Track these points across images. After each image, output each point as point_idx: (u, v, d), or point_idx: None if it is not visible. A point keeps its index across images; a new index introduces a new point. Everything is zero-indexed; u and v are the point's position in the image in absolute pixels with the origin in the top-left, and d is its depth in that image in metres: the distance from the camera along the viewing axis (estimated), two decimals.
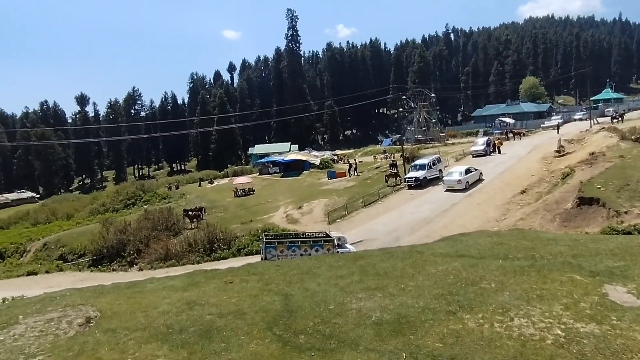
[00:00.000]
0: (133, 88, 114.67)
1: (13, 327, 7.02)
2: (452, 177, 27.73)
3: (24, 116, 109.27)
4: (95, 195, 59.83)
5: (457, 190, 26.61)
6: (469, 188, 26.92)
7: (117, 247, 26.12)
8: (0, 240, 38.56)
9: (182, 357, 5.18)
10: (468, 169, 28.62)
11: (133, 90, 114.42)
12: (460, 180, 27.07)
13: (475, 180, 27.98)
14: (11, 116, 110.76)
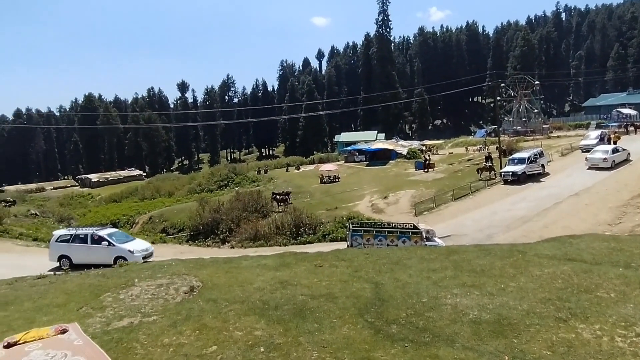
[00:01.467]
0: (227, 75, 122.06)
1: (130, 289, 7.89)
2: (596, 155, 27.59)
3: (134, 101, 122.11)
4: (193, 176, 64.96)
5: (601, 169, 26.48)
6: (614, 167, 26.61)
7: (211, 224, 28.04)
8: (115, 212, 43.92)
9: (278, 332, 5.36)
10: (615, 148, 28.51)
11: (227, 77, 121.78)
12: (606, 159, 26.75)
13: (622, 160, 27.58)
14: (124, 101, 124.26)
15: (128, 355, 4.86)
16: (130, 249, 16.82)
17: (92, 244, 17.01)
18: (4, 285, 10.35)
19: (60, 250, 17.52)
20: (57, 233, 19.02)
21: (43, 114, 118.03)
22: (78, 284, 8.82)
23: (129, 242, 17.95)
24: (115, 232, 18.79)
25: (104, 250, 16.65)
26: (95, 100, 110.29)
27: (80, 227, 19.33)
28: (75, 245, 17.23)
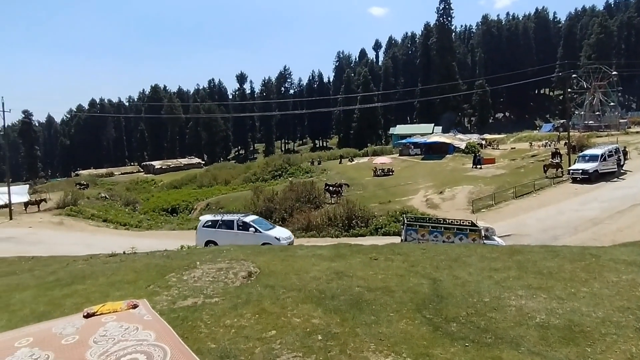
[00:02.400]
0: (284, 67, 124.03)
1: (193, 271, 8.27)
2: None
3: (195, 92, 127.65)
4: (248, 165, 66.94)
5: None
6: None
7: (265, 213, 28.74)
8: (175, 198, 46.32)
9: (335, 322, 5.38)
10: None
11: (284, 69, 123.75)
12: None
13: None
14: (186, 92, 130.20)
15: (193, 332, 5.10)
16: (276, 236, 17.10)
17: (238, 230, 17.25)
18: (81, 261, 11.29)
19: (208, 236, 17.64)
20: (204, 218, 19.25)
21: (114, 104, 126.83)
22: (145, 263, 9.40)
23: (273, 229, 18.26)
24: (257, 219, 19.05)
25: (251, 236, 16.71)
26: (160, 91, 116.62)
27: (225, 214, 19.42)
28: (222, 231, 17.43)
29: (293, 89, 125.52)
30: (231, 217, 18.14)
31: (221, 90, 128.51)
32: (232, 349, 4.64)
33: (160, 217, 38.84)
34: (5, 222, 31.28)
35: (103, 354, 4.56)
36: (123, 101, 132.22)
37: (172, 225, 31.96)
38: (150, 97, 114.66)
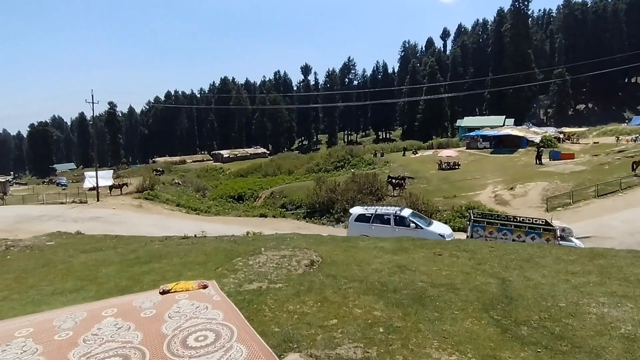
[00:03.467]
0: (348, 58, 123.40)
1: (258, 256, 8.58)
2: None
3: (262, 84, 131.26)
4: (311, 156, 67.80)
5: None
6: None
7: (327, 203, 29.01)
8: (241, 186, 48.19)
9: (397, 316, 5.30)
10: None
11: (348, 60, 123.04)
12: None
13: None
14: (253, 84, 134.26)
15: (258, 315, 5.29)
16: (440, 233, 15.16)
17: (396, 225, 15.77)
18: (157, 241, 12.17)
19: (361, 230, 15.95)
20: (355, 211, 17.51)
21: (187, 96, 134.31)
22: (214, 247, 9.92)
23: (432, 224, 16.56)
24: (413, 213, 17.26)
25: (412, 232, 14.79)
26: (229, 83, 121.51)
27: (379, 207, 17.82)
28: (378, 227, 15.99)
29: (357, 80, 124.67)
30: (386, 211, 16.57)
31: (286, 81, 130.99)
32: (294, 334, 4.75)
33: (228, 203, 40.67)
34: (94, 203, 34.57)
35: (177, 328, 4.90)
36: (195, 93, 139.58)
37: (238, 212, 33.35)
38: (220, 89, 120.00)
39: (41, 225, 23.08)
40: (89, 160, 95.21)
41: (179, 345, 4.42)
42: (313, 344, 4.59)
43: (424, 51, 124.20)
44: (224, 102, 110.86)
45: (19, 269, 9.22)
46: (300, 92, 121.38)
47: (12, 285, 7.76)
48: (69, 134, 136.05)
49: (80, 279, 7.68)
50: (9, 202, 38.46)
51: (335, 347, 4.53)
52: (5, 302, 6.72)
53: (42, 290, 7.21)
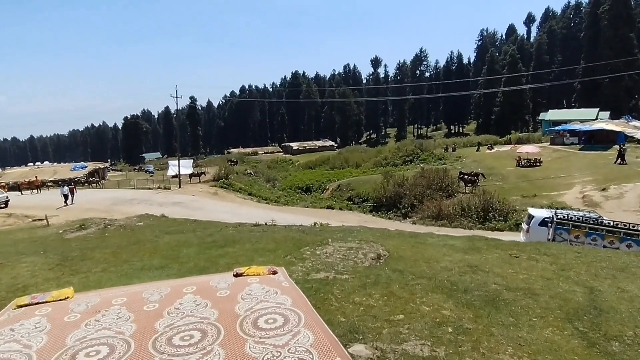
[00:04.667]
0: (420, 49, 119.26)
1: (325, 247, 8.71)
2: None
3: (331, 77, 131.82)
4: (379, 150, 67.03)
5: None
6: None
7: (394, 198, 28.56)
8: (309, 178, 49.05)
9: (468, 317, 5.10)
10: None
11: (420, 51, 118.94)
12: None
13: None
14: (323, 77, 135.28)
15: (324, 304, 5.39)
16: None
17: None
18: (231, 227, 12.85)
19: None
20: (539, 214, 15.21)
21: (260, 90, 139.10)
22: (284, 235, 10.25)
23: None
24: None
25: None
26: (299, 77, 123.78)
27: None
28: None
29: (429, 72, 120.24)
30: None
31: (355, 74, 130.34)
32: (360, 326, 4.78)
33: (296, 194, 41.71)
34: (176, 190, 37.31)
35: (248, 309, 5.14)
36: (268, 87, 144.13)
37: (306, 203, 34.05)
38: (291, 83, 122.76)
39: (132, 208, 25.44)
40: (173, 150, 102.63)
41: (251, 325, 4.65)
42: (379, 337, 4.58)
43: (504, 39, 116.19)
44: (295, 95, 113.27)
45: (114, 245, 10.27)
46: (370, 85, 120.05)
47: (109, 259, 8.68)
48: (156, 125, 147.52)
49: (165, 258, 8.38)
50: (107, 186, 42.92)
51: (401, 342, 4.48)
52: (104, 273, 7.54)
53: (133, 265, 7.98)
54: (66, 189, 27.93)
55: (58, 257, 9.16)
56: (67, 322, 5.07)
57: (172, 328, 4.68)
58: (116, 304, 5.57)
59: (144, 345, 4.32)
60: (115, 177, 53.45)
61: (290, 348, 4.14)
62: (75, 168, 53.17)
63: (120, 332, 4.67)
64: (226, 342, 4.29)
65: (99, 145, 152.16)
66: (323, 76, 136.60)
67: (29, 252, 10.31)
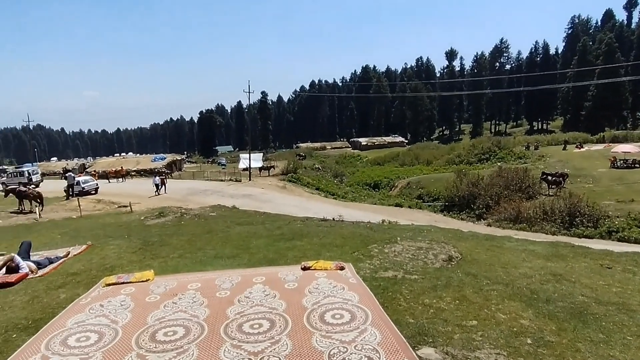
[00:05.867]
0: (501, 40, 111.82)
1: (393, 245, 8.52)
2: None
3: (403, 71, 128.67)
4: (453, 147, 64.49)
5: None
6: None
7: (467, 198, 27.21)
8: (377, 174, 48.52)
9: (550, 329, 4.68)
10: None
11: (500, 42, 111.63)
12: None
13: None
14: (394, 71, 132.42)
15: (392, 303, 5.26)
16: None
17: None
18: (299, 221, 13.07)
19: None
20: None
21: (330, 85, 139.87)
22: (351, 231, 10.21)
23: None
24: None
25: None
26: (370, 71, 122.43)
27: None
28: None
29: (510, 64, 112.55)
30: None
31: (429, 68, 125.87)
32: (429, 328, 4.59)
33: (364, 190, 41.51)
34: (246, 182, 38.93)
35: (315, 303, 5.19)
36: (337, 82, 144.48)
37: (373, 200, 33.73)
38: (361, 77, 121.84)
39: (205, 198, 26.99)
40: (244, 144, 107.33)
41: (317, 319, 4.68)
42: (449, 341, 4.36)
43: (599, 26, 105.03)
44: (364, 90, 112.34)
45: (190, 233, 10.94)
46: (444, 79, 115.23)
47: (185, 246, 9.25)
48: (229, 120, 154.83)
49: (236, 247, 8.73)
50: (183, 177, 46.03)
51: (474, 349, 4.23)
52: (181, 259, 8.05)
53: (207, 253, 8.42)
54: (158, 179, 30.20)
55: (140, 242, 9.95)
56: (148, 303, 5.50)
57: (243, 315, 4.87)
58: (191, 289, 5.93)
59: (216, 329, 4.55)
60: (191, 169, 57.03)
61: (356, 345, 4.12)
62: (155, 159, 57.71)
63: (194, 315, 4.96)
64: (294, 334, 4.37)
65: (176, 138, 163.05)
66: (394, 70, 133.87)
67: (115, 235, 11.31)
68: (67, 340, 4.45)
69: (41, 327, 4.94)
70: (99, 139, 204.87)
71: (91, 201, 25.18)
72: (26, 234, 12.33)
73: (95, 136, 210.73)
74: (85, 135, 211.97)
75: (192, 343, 4.23)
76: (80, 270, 7.62)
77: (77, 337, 4.51)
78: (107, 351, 4.16)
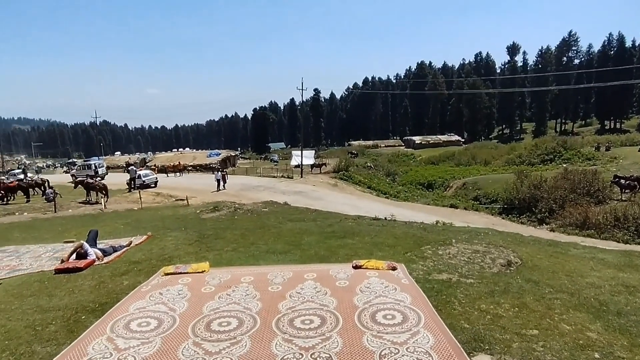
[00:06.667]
0: (569, 32, 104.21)
1: (448, 247, 8.25)
2: None
3: (460, 67, 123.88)
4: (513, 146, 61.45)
5: None
6: None
7: (528, 201, 25.74)
8: (431, 174, 47.28)
9: (620, 344, 4.32)
10: None
11: (569, 34, 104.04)
12: None
13: None
14: (451, 68, 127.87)
15: (447, 307, 5.10)
16: None
17: None
18: (351, 220, 13.04)
19: None
20: None
21: (383, 82, 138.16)
22: (404, 231, 10.02)
23: None
24: None
25: None
26: (425, 67, 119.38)
27: None
28: None
29: (579, 58, 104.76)
30: None
31: (488, 63, 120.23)
32: (486, 335, 4.40)
33: (417, 190, 40.65)
34: (297, 179, 39.48)
35: (367, 302, 5.15)
36: (391, 79, 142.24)
37: (427, 200, 32.92)
38: (416, 74, 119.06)
39: (258, 194, 27.70)
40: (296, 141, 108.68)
41: (369, 318, 4.64)
42: (508, 350, 4.15)
43: None
44: (419, 87, 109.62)
45: (243, 228, 11.28)
46: (505, 75, 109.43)
47: (238, 240, 9.55)
48: (281, 117, 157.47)
49: (288, 243, 8.88)
50: (237, 172, 47.56)
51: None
52: (234, 252, 8.33)
53: (259, 247, 8.64)
54: (219, 175, 31.31)
55: (196, 234, 10.41)
56: (204, 293, 5.75)
57: (294, 310, 4.95)
58: (244, 282, 6.12)
59: (268, 323, 4.66)
60: (244, 165, 58.73)
61: (408, 347, 4.04)
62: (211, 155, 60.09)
63: (247, 307, 5.11)
64: (344, 332, 4.37)
65: (231, 134, 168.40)
66: (451, 66, 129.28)
67: (173, 227, 11.91)
68: (130, 325, 4.75)
69: (107, 311, 5.32)
70: (159, 134, 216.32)
71: (151, 194, 26.71)
72: (93, 223, 13.33)
73: (155, 132, 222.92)
74: (146, 131, 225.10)
75: (245, 335, 4.36)
76: (141, 259, 8.12)
77: (138, 322, 4.81)
78: (166, 337, 4.39)
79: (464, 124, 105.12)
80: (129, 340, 4.35)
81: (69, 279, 6.96)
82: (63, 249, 9.28)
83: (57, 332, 4.82)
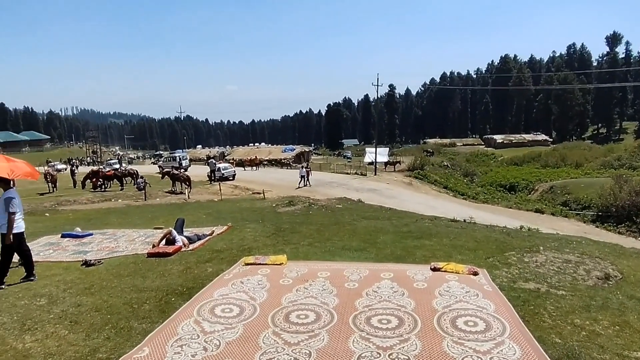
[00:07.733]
0: None
1: (535, 255, 7.70)
2: None
3: (550, 60, 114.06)
4: (611, 148, 55.92)
5: None
6: None
7: (628, 208, 23.20)
8: (514, 175, 44.32)
9: None
10: None
11: None
12: None
13: None
14: (539, 61, 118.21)
15: (535, 319, 4.76)
16: None
17: None
18: (427, 220, 12.70)
19: None
20: None
21: (462, 77, 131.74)
22: (485, 235, 9.52)
23: None
24: None
25: None
26: (510, 61, 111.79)
27: None
28: None
29: None
30: None
31: (583, 56, 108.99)
32: (582, 353, 4.04)
33: (497, 192, 38.44)
34: (371, 177, 39.26)
35: (446, 307, 4.99)
36: (471, 73, 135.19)
37: (509, 203, 30.96)
38: (499, 68, 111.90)
39: (331, 190, 28.00)
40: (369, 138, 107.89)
41: (449, 323, 4.50)
42: None
43: None
44: (502, 82, 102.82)
45: (318, 223, 11.48)
46: (602, 69, 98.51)
47: (314, 235, 9.74)
48: (355, 113, 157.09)
49: (363, 241, 8.88)
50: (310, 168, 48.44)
51: None
52: (310, 247, 8.51)
53: (335, 243, 8.74)
54: (304, 171, 31.77)
55: (273, 227, 10.77)
56: (282, 285, 5.96)
57: (371, 309, 4.95)
58: (321, 277, 6.23)
59: (345, 319, 4.71)
60: (317, 161, 59.60)
61: (492, 357, 3.85)
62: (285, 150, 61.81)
63: (324, 302, 5.21)
64: (423, 335, 4.28)
65: (305, 130, 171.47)
66: (539, 59, 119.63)
67: (251, 219, 12.44)
68: (215, 310, 5.08)
69: (193, 295, 5.75)
70: (237, 129, 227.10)
71: (229, 186, 28.20)
72: (178, 212, 14.39)
73: (234, 127, 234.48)
74: (225, 126, 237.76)
75: (322, 329, 4.45)
76: (223, 248, 8.62)
77: (222, 308, 5.13)
78: (247, 324, 4.63)
79: (552, 123, 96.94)
80: (214, 325, 4.65)
81: (159, 263, 7.60)
82: (153, 234, 10.18)
83: (150, 311, 5.31)
